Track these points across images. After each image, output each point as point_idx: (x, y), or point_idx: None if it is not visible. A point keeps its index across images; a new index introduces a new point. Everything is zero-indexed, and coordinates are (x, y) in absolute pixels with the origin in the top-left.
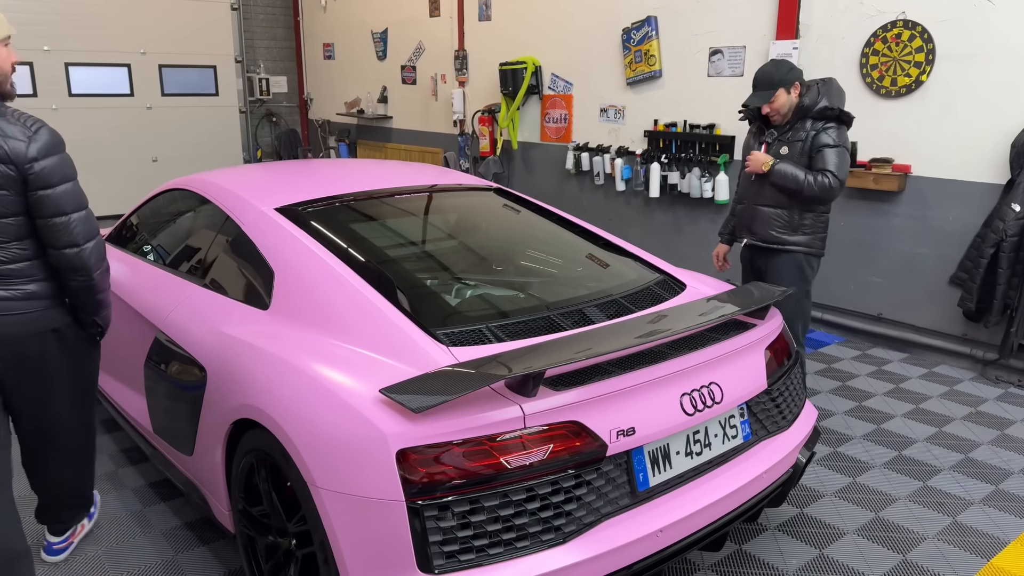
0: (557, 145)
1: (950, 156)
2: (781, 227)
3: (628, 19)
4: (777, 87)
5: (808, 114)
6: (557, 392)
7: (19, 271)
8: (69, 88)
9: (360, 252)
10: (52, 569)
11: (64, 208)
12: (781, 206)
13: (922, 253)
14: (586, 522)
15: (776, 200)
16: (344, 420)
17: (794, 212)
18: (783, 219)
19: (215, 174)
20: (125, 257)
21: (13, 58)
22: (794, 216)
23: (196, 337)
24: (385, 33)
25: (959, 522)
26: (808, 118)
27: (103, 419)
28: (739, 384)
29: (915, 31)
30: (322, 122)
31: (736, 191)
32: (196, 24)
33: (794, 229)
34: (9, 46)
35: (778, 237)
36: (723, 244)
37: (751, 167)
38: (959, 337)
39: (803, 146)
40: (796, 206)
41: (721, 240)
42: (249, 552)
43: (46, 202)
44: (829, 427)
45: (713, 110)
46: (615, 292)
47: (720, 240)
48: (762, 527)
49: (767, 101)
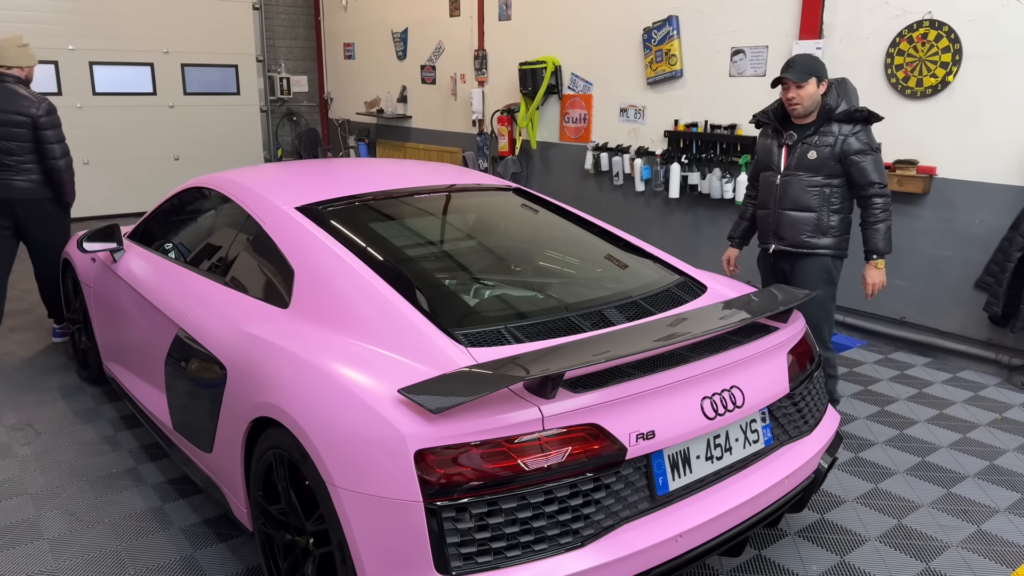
0: (576, 145)
1: (976, 158)
2: (811, 231)
3: (649, 18)
4: (813, 74)
5: (832, 116)
6: (576, 394)
7: (28, 169)
8: (93, 87)
9: (379, 251)
10: (69, 563)
11: (51, 140)
12: (809, 209)
13: (947, 256)
14: (604, 526)
15: (803, 204)
16: (363, 420)
17: (823, 215)
18: (812, 223)
19: (236, 173)
20: (146, 254)
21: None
22: (823, 219)
23: (216, 335)
24: (405, 33)
25: (984, 530)
26: (834, 120)
27: (123, 415)
28: (761, 388)
29: (941, 31)
30: (342, 121)
31: (747, 195)
32: (218, 23)
33: (823, 232)
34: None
35: (807, 241)
36: (733, 248)
37: (876, 292)
38: (984, 342)
39: (832, 151)
40: (824, 208)
41: (731, 244)
42: (267, 550)
43: (43, 137)
44: (851, 432)
45: (735, 110)
46: (635, 294)
47: (731, 244)
48: (783, 532)
49: (802, 80)
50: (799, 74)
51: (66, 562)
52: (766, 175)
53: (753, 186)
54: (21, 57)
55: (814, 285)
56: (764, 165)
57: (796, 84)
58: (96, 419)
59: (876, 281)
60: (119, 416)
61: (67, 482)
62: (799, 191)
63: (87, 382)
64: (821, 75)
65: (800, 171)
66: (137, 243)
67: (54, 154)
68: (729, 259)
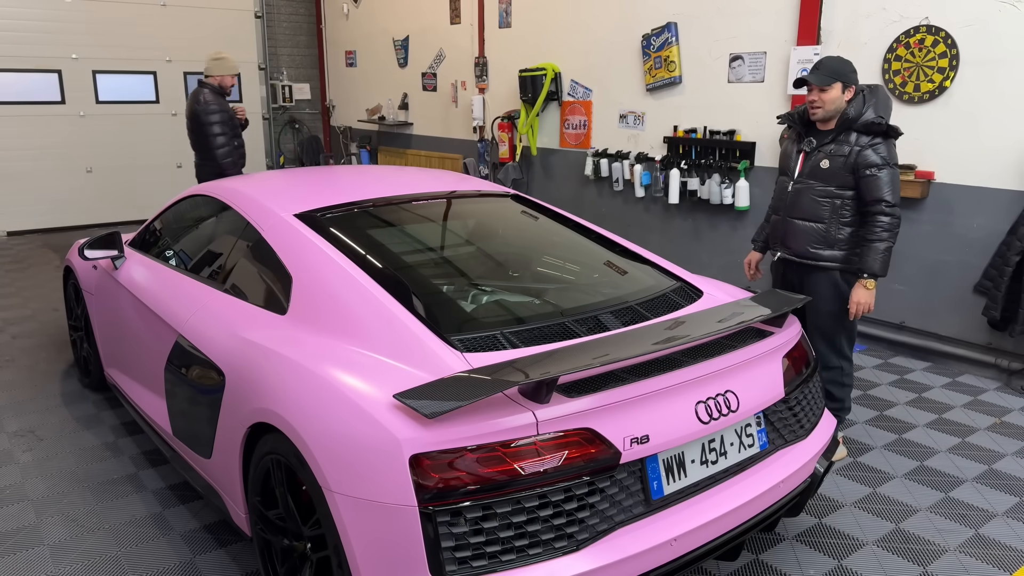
0: (576, 151)
1: (974, 163)
2: (817, 242)
3: (648, 25)
4: (838, 78)
5: (852, 126)
6: (571, 399)
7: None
8: (96, 95)
9: (377, 258)
10: (70, 569)
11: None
12: (818, 220)
13: (946, 261)
14: (599, 530)
15: (813, 214)
16: (358, 425)
17: (831, 227)
18: (819, 234)
19: (235, 180)
20: (147, 262)
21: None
22: (831, 231)
23: (215, 341)
24: (406, 41)
25: (981, 534)
26: (852, 131)
27: (124, 421)
28: (756, 392)
29: (939, 36)
30: (344, 129)
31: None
32: (220, 32)
33: (830, 244)
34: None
35: (813, 252)
36: (756, 252)
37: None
38: (983, 346)
39: (846, 161)
40: (834, 220)
41: (754, 248)
42: (265, 555)
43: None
44: (850, 436)
45: (733, 116)
46: (631, 299)
47: (753, 248)
48: (780, 537)
49: (826, 84)
50: (823, 77)
51: (66, 568)
52: (782, 179)
53: None
54: (215, 68)
55: (825, 301)
56: (782, 169)
57: (819, 88)
58: (97, 425)
59: (862, 301)
60: (120, 422)
61: (68, 488)
62: (810, 200)
63: (89, 389)
64: (848, 80)
65: (812, 179)
66: (138, 250)
67: (215, 144)
68: (751, 262)
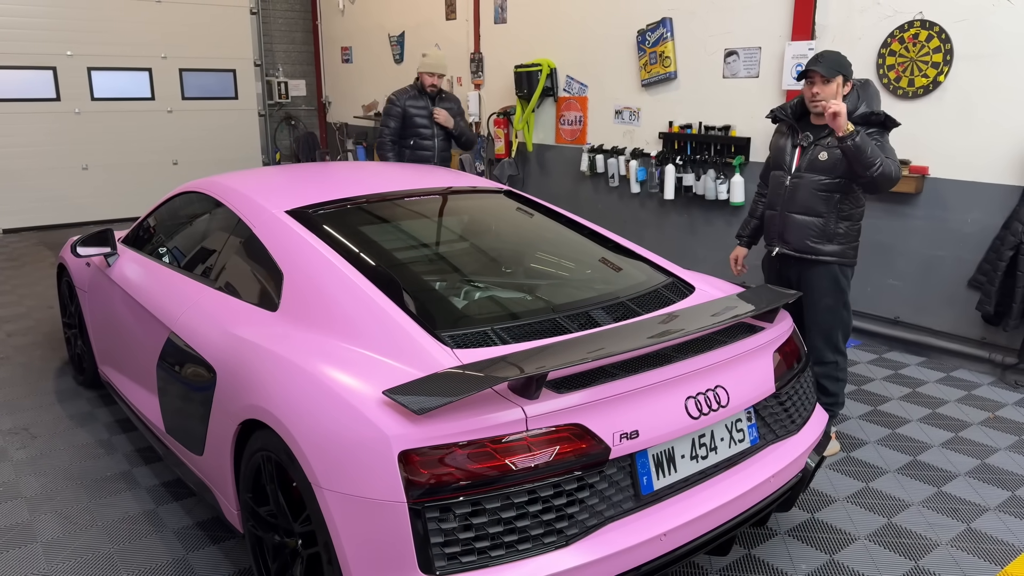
0: (572, 147)
1: (968, 157)
2: (816, 236)
3: (643, 21)
4: (841, 71)
5: (849, 118)
6: (560, 394)
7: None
8: (91, 92)
9: (368, 254)
10: (63, 566)
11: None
12: (817, 214)
13: (940, 256)
14: (589, 525)
15: (811, 208)
16: (348, 421)
17: (830, 220)
18: (818, 228)
19: (228, 177)
20: (139, 259)
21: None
22: (829, 225)
23: (206, 338)
24: (402, 36)
25: (973, 529)
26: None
27: (118, 419)
28: (746, 387)
29: (932, 31)
30: (340, 125)
31: (758, 192)
32: (216, 28)
33: (829, 239)
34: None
35: (812, 247)
36: (742, 247)
37: (837, 121)
38: (977, 341)
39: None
40: (832, 214)
41: (740, 243)
42: (257, 552)
43: None
44: (843, 431)
45: (728, 111)
46: (622, 295)
47: (739, 243)
48: (772, 531)
49: (830, 76)
50: (828, 69)
51: (59, 565)
52: (776, 175)
53: (764, 184)
54: (421, 65)
55: (823, 295)
56: (776, 164)
57: (823, 79)
58: (91, 423)
59: (843, 117)
60: (114, 420)
61: (62, 485)
62: (808, 194)
63: (83, 386)
64: (847, 75)
65: (811, 173)
66: (131, 247)
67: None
68: (737, 258)
